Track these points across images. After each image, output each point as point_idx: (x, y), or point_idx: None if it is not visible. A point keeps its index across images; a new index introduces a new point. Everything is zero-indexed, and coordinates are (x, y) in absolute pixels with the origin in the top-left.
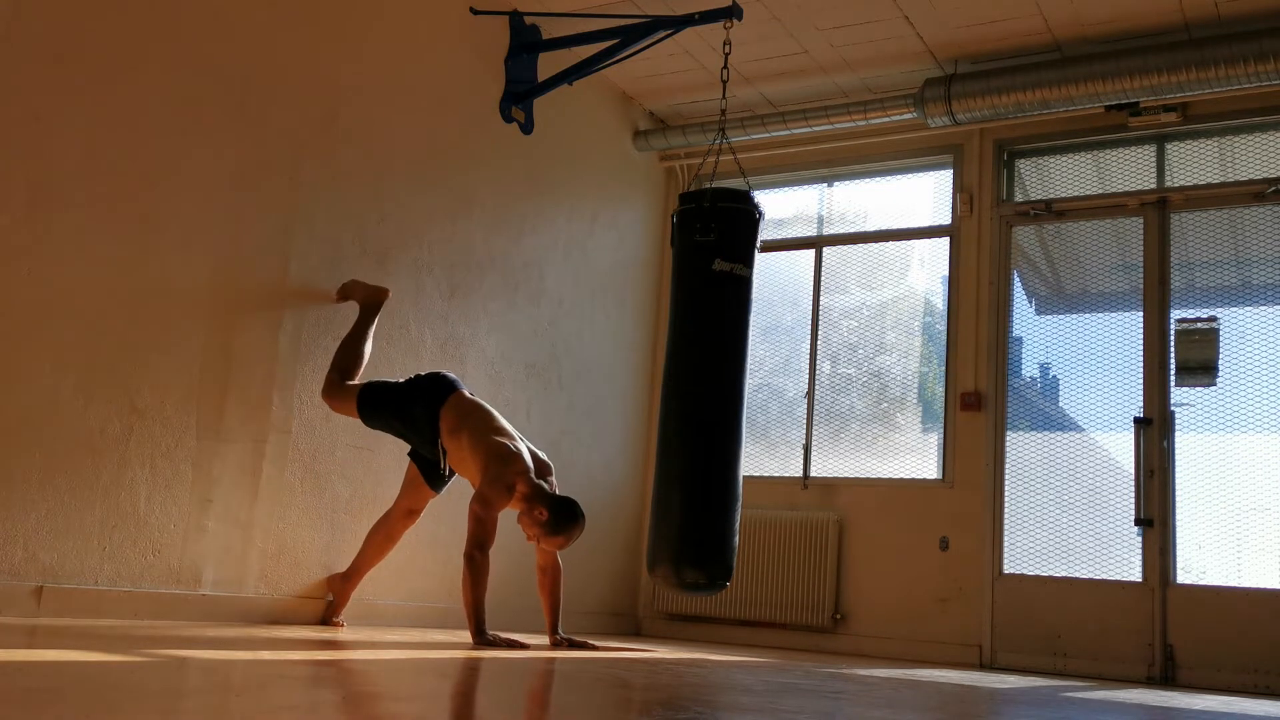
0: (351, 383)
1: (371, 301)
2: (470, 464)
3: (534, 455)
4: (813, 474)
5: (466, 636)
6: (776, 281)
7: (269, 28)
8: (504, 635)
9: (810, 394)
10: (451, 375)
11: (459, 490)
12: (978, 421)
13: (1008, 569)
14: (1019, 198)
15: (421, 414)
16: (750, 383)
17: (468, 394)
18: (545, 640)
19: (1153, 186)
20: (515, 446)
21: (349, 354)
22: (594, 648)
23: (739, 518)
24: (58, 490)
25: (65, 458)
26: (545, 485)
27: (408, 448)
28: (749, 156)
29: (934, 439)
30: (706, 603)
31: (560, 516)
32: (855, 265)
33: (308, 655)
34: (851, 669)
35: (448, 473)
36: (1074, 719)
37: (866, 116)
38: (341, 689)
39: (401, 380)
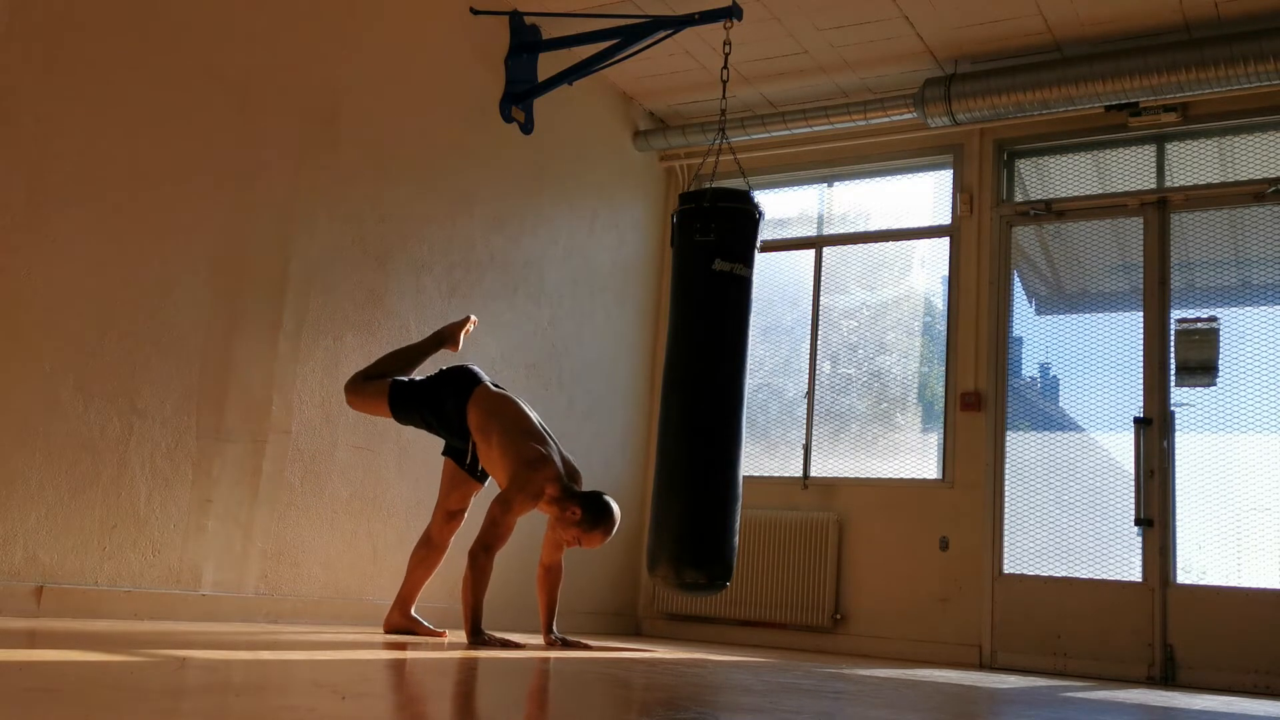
0: (377, 381)
1: (447, 334)
2: (499, 465)
3: (564, 459)
4: (813, 474)
5: (466, 636)
6: (776, 281)
7: (269, 28)
8: (499, 635)
9: (810, 394)
10: (475, 368)
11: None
12: (978, 421)
13: (1008, 569)
14: (1019, 198)
15: (451, 407)
16: (750, 383)
17: (491, 386)
18: (539, 640)
19: (1153, 186)
20: (545, 450)
21: (394, 363)
22: (588, 647)
23: (739, 518)
24: (58, 490)
25: (65, 458)
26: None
27: (408, 450)
28: (749, 156)
29: (934, 439)
30: (706, 603)
31: (593, 510)
32: (855, 265)
33: (307, 655)
34: (851, 669)
35: (480, 473)
36: (1074, 719)
37: (866, 116)
38: (341, 689)
39: (427, 376)
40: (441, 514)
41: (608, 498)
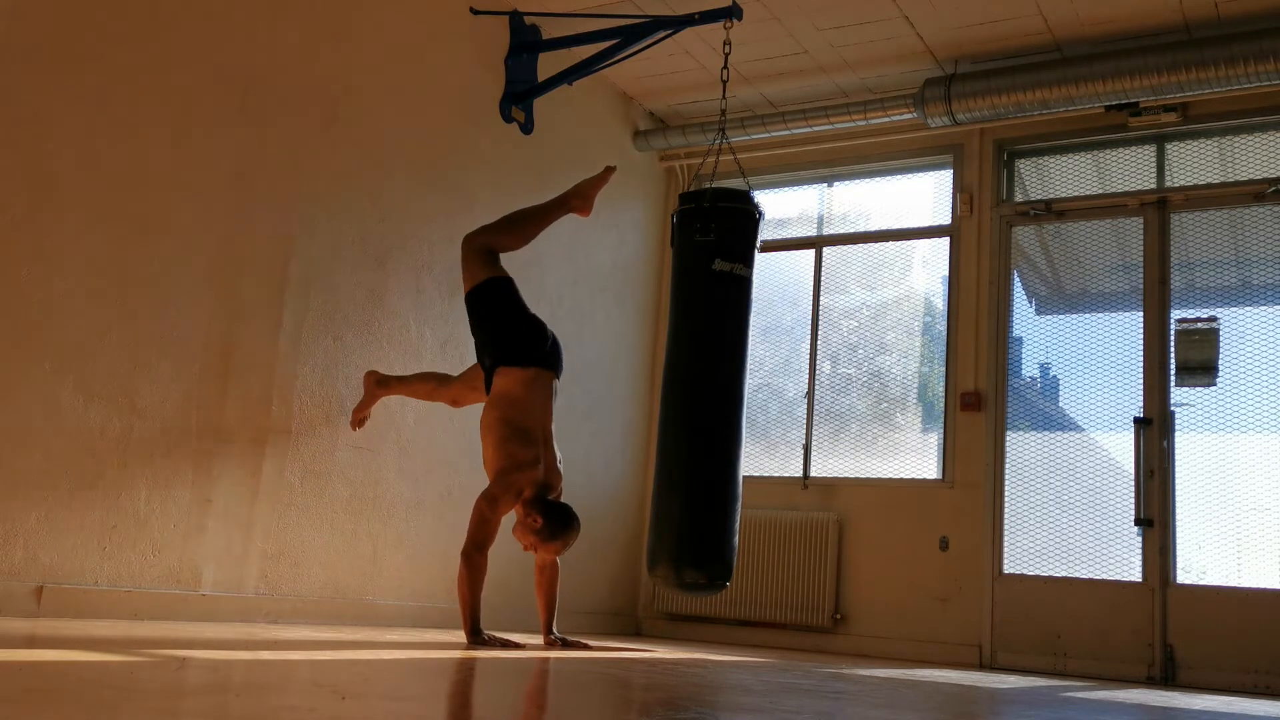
0: (489, 262)
1: (575, 199)
2: (490, 447)
3: (550, 465)
4: (813, 474)
5: (465, 636)
6: (776, 281)
7: (269, 28)
8: (498, 635)
9: (810, 394)
10: (559, 347)
11: (462, 492)
12: (978, 421)
13: (1008, 569)
14: (1019, 198)
15: (491, 358)
16: (750, 383)
17: (539, 373)
18: (539, 640)
19: (1153, 186)
20: (535, 454)
21: (519, 229)
22: (587, 647)
23: (739, 518)
24: (58, 490)
25: (65, 458)
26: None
27: (408, 450)
28: (749, 156)
29: (934, 439)
30: (706, 603)
31: (554, 522)
32: (855, 265)
33: (307, 655)
34: (851, 669)
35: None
36: (1074, 719)
37: (866, 116)
38: (341, 689)
39: (521, 311)
40: (457, 388)
41: (571, 512)
